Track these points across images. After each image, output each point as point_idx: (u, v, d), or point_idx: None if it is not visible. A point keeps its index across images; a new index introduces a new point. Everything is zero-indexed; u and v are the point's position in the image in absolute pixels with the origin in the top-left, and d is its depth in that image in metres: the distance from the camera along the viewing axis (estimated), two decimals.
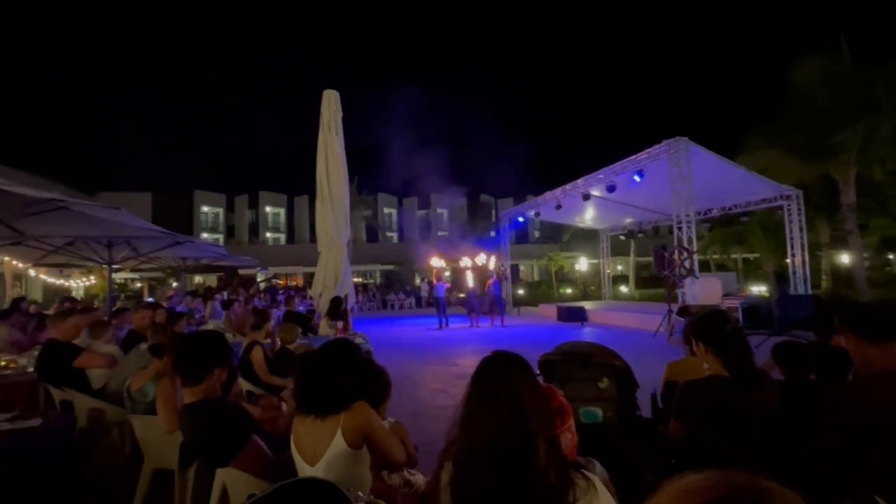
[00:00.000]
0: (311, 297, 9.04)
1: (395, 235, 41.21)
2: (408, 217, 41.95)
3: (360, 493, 1.19)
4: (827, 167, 12.55)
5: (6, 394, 3.75)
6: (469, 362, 7.63)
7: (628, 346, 6.03)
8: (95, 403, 3.36)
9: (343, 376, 1.61)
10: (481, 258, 15.63)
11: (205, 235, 33.94)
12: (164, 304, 8.72)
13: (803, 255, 12.07)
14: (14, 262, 10.47)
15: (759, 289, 15.23)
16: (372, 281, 30.77)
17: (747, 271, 21.91)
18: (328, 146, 6.90)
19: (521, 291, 20.20)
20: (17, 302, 8.15)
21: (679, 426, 2.05)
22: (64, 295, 15.46)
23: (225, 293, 13.21)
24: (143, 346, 3.49)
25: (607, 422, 2.15)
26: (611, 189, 11.85)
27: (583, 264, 24.97)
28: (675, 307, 9.71)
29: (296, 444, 1.62)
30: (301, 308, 8.61)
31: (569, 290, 24.50)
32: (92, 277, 20.82)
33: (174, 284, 22.50)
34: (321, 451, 1.55)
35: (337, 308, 6.11)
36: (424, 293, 22.36)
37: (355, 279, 16.93)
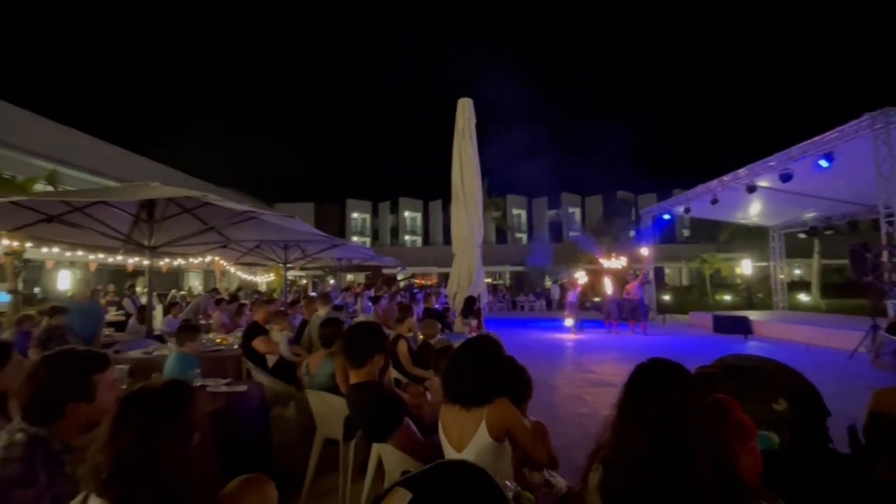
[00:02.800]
0: (446, 295, 9.52)
1: (524, 236, 40.90)
2: (537, 218, 41.28)
3: (507, 483, 1.23)
4: None
5: (219, 365, 4.79)
6: (607, 370, 7.17)
7: (814, 368, 5.02)
8: (266, 379, 4.09)
9: (487, 371, 1.68)
10: (621, 260, 14.51)
11: (354, 239, 38.25)
12: None
13: None
14: (221, 262, 13.28)
15: None
16: (501, 282, 31.01)
17: None
18: (462, 152, 7.21)
19: (666, 297, 18.22)
20: (234, 296, 10.29)
21: (888, 467, 1.64)
22: (253, 289, 18.95)
23: (372, 290, 14.72)
24: None
25: (786, 449, 1.81)
26: (785, 178, 9.91)
27: (746, 267, 21.38)
28: (883, 322, 7.71)
29: (443, 430, 1.75)
30: (437, 306, 9.15)
31: (727, 298, 21.25)
32: (271, 274, 25.18)
33: (331, 281, 25.81)
34: (466, 440, 1.64)
35: (471, 307, 6.34)
36: (556, 296, 21.72)
37: (486, 280, 17.27)
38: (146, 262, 5.77)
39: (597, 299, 22.64)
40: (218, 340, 5.51)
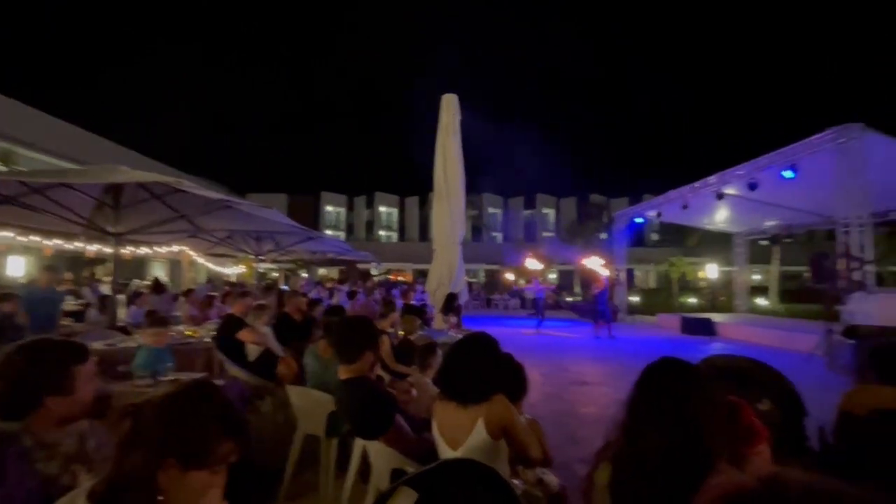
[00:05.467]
0: (423, 292, 9.47)
1: (499, 235, 41.25)
2: (513, 217, 41.72)
3: (516, 482, 1.20)
4: None
5: (189, 358, 4.59)
6: (583, 370, 7.31)
7: None
8: (241, 373, 3.95)
9: (485, 368, 1.65)
10: (592, 261, 14.83)
11: (329, 232, 37.62)
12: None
13: None
14: (190, 252, 12.78)
15: None
16: (476, 280, 31.17)
17: None
18: (446, 148, 7.17)
19: (635, 299, 18.76)
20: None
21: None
22: (225, 280, 18.35)
23: (347, 285, 14.50)
24: None
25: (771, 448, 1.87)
26: (752, 187, 10.33)
27: (711, 272, 22.24)
28: (837, 327, 8.15)
29: (438, 428, 1.71)
30: (414, 302, 9.08)
31: (692, 300, 22.05)
32: (242, 266, 24.45)
33: (304, 275, 25.28)
34: (462, 438, 1.61)
35: (451, 303, 6.32)
36: (530, 295, 22.01)
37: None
38: (110, 250, 5.48)
39: (569, 299, 23.14)
40: (188, 333, 5.29)
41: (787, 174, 9.36)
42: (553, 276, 28.95)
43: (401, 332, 4.76)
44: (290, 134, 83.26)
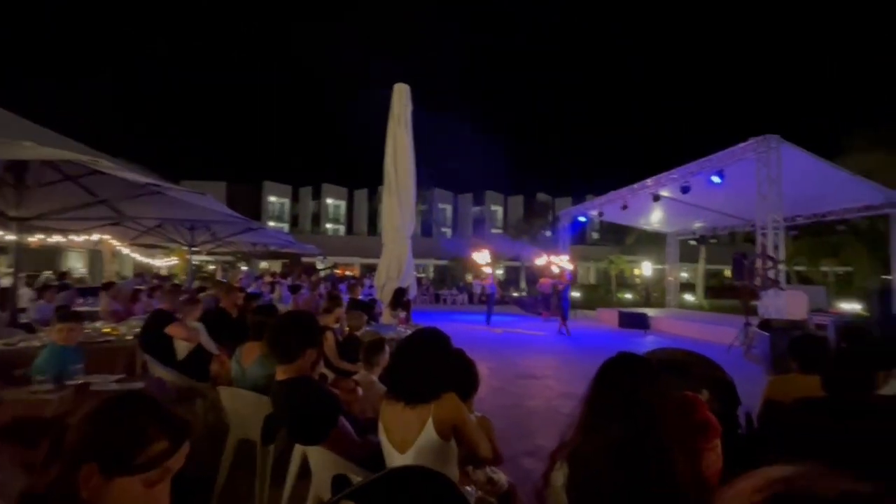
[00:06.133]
0: (371, 286, 9.26)
1: (449, 231, 41.44)
2: (462, 213, 42.05)
3: (468, 489, 1.14)
4: None
5: (108, 358, 4.15)
6: (529, 363, 7.47)
7: None
8: (167, 374, 3.62)
9: (436, 366, 1.57)
10: (559, 258, 15.20)
11: (271, 224, 35.93)
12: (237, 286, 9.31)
13: None
14: (112, 242, 11.63)
15: (852, 306, 13.66)
16: (424, 275, 31.13)
17: (838, 286, 19.75)
18: (397, 139, 6.99)
19: (576, 294, 19.54)
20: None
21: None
22: (154, 273, 16.97)
23: (289, 279, 13.90)
24: None
25: None
26: (685, 190, 11.07)
27: (646, 269, 23.69)
28: (753, 320, 8.92)
29: (385, 430, 1.61)
30: (361, 297, 8.85)
31: (628, 296, 23.38)
32: (173, 258, 22.75)
33: (244, 268, 23.98)
34: (411, 439, 1.52)
35: (400, 298, 6.20)
36: (477, 290, 22.29)
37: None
38: (11, 237, 4.83)
39: (515, 294, 23.72)
40: (107, 330, 4.78)
41: (716, 179, 10.09)
42: (500, 271, 29.53)
43: (346, 328, 4.58)
44: (232, 119, 78.44)
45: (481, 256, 16.13)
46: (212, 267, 28.57)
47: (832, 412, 1.69)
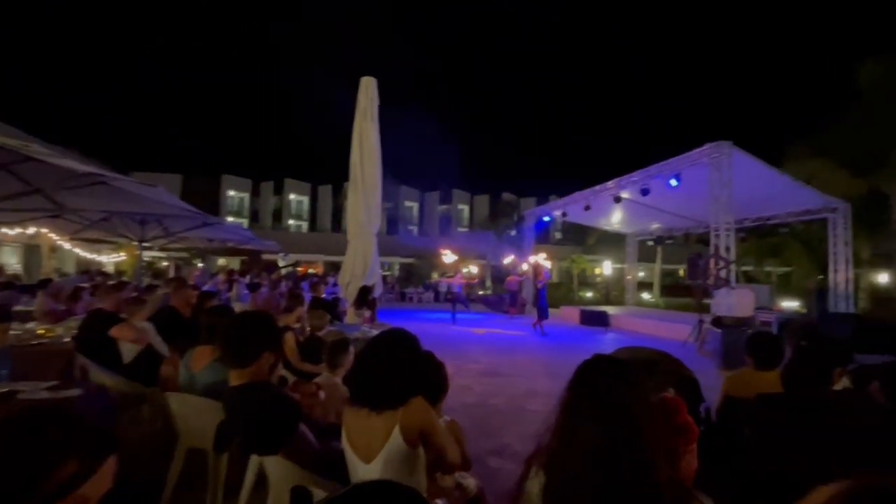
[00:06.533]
0: (335, 285, 9.03)
1: (415, 229, 41.25)
2: (429, 211, 41.96)
3: (438, 502, 1.07)
4: (878, 180, 11.90)
5: (41, 363, 3.79)
6: (493, 361, 7.50)
7: None
8: (110, 379, 3.34)
9: (405, 369, 1.49)
10: (538, 256, 15.36)
11: (230, 219, 34.52)
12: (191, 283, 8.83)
13: (846, 272, 11.48)
14: (51, 235, 10.76)
15: (792, 304, 14.62)
16: (390, 273, 30.83)
17: (779, 285, 21.11)
18: (363, 133, 6.82)
19: None
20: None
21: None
22: (97, 269, 15.88)
23: (248, 276, 13.37)
24: None
25: None
26: (644, 192, 11.48)
27: (606, 268, 24.47)
28: (707, 317, 9.36)
29: (348, 438, 1.52)
30: (325, 295, 8.60)
31: (589, 294, 24.06)
32: (121, 254, 21.39)
33: (199, 265, 22.91)
34: (377, 448, 1.44)
35: (365, 297, 6.05)
36: (443, 288, 22.30)
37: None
38: None
39: (480, 292, 23.89)
40: (41, 332, 4.38)
41: (673, 182, 10.52)
42: (465, 269, 29.72)
43: (308, 328, 4.41)
44: (190, 111, 74.55)
45: (451, 257, 16.23)
46: (165, 264, 27.17)
47: (790, 408, 1.74)
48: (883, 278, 16.97)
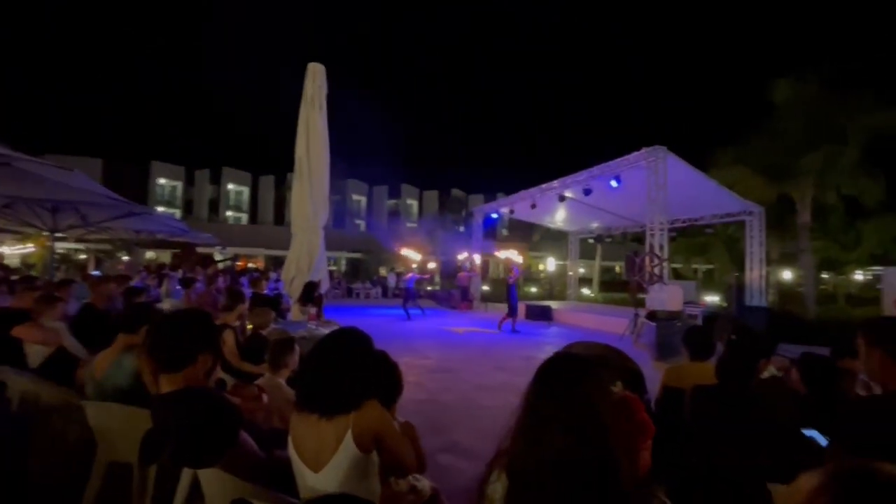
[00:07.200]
0: (278, 280, 8.61)
1: (362, 223, 40.47)
2: (377, 206, 41.34)
3: None
4: (787, 187, 13.23)
5: None
6: (442, 356, 7.50)
7: None
8: (21, 381, 2.97)
9: (358, 371, 1.41)
10: (508, 252, 15.38)
11: (160, 209, 31.98)
12: None
13: (760, 270, 12.70)
14: None
15: (714, 298, 15.95)
16: (336, 268, 30.04)
17: (704, 281, 22.97)
18: (310, 122, 6.51)
19: (487, 288, 20.29)
20: None
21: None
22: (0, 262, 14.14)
23: (181, 271, 12.43)
24: None
25: None
26: (587, 192, 11.98)
27: (550, 265, 25.40)
28: (641, 312, 9.95)
29: (295, 446, 1.41)
30: (266, 291, 8.18)
31: (534, 289, 24.86)
32: (29, 245, 19.11)
33: (125, 258, 21.10)
34: (327, 456, 1.35)
35: (311, 293, 5.81)
36: (392, 283, 22.06)
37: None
38: None
39: (429, 288, 23.91)
40: None
41: (614, 183, 11.06)
42: (428, 265, 29.64)
43: (249, 326, 4.16)
44: (116, 91, 67.89)
45: (415, 255, 16.11)
46: (83, 256, 24.74)
47: (722, 401, 1.86)
48: (787, 275, 19.06)
